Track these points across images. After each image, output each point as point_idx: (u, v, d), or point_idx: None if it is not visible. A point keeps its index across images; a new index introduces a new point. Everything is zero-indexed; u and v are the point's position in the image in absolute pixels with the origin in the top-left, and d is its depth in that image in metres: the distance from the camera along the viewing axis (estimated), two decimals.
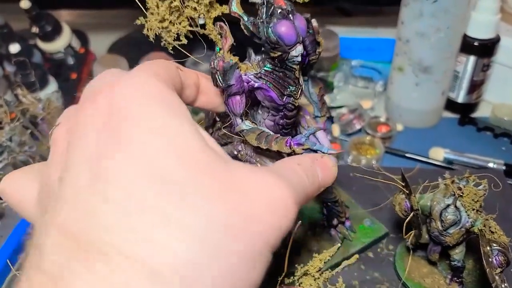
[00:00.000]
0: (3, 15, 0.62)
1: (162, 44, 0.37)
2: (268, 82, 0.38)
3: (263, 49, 0.38)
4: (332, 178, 0.28)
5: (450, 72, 0.66)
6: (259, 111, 0.41)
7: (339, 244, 0.50)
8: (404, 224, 0.44)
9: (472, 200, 0.42)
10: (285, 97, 0.39)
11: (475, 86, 0.69)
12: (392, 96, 0.70)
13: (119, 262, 0.17)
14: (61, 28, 0.70)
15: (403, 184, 0.45)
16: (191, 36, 0.37)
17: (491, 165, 0.61)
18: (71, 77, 0.70)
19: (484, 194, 0.42)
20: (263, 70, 0.38)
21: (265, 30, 0.35)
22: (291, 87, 0.39)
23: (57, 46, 0.70)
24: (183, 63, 0.34)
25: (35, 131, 0.58)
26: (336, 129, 0.69)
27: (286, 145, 0.37)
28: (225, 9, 0.36)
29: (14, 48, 0.58)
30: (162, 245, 0.18)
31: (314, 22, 0.38)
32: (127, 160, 0.19)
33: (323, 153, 0.36)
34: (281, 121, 0.41)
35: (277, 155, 0.40)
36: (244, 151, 0.43)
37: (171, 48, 0.37)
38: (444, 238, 0.44)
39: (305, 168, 0.27)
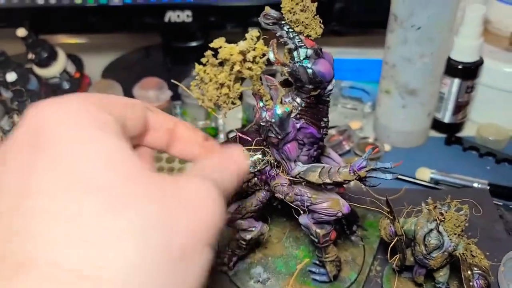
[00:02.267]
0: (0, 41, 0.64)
1: (220, 110, 0.37)
2: (308, 120, 0.40)
3: (295, 91, 0.39)
4: (245, 164, 0.28)
5: (435, 94, 0.68)
6: None
7: (362, 244, 0.54)
8: (389, 249, 0.46)
9: (454, 225, 0.44)
10: (322, 129, 0.42)
11: (460, 107, 0.71)
12: (380, 117, 0.72)
13: (50, 271, 0.17)
14: (56, 54, 0.72)
15: (388, 210, 0.46)
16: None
17: (475, 185, 0.63)
18: None
19: (465, 219, 0.44)
20: (298, 109, 0.40)
21: (306, 72, 0.37)
22: (325, 119, 0.41)
23: (52, 71, 0.71)
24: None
25: None
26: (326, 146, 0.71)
27: (351, 173, 0.38)
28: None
29: (11, 77, 0.59)
30: (97, 250, 0.18)
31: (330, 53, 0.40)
32: (52, 171, 0.19)
33: (387, 168, 0.38)
34: (315, 153, 0.43)
35: (336, 186, 0.41)
36: (293, 192, 0.43)
37: (225, 113, 0.37)
38: (428, 262, 0.45)
39: (219, 163, 0.27)
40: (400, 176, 0.65)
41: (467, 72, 0.68)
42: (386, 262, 0.53)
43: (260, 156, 0.45)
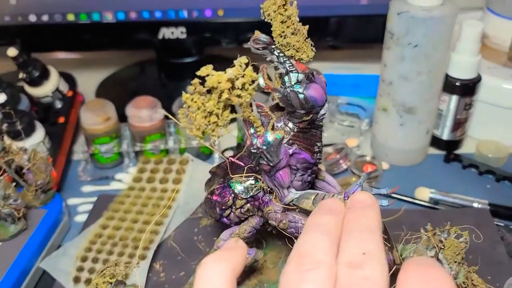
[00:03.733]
0: None
1: (208, 139, 0.36)
2: (300, 145, 0.39)
3: (287, 116, 0.38)
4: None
5: (433, 111, 0.67)
6: None
7: None
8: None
9: (454, 253, 0.43)
10: (316, 154, 0.41)
11: (459, 124, 0.70)
12: (378, 135, 0.70)
13: None
14: (48, 72, 0.71)
15: (385, 237, 0.45)
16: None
17: (475, 205, 0.62)
18: (59, 121, 0.70)
19: (465, 246, 0.43)
20: (291, 135, 0.39)
21: (298, 97, 0.36)
22: (318, 144, 0.41)
23: (44, 90, 0.70)
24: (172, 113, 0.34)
25: (21, 181, 0.58)
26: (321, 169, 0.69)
27: (345, 200, 0.37)
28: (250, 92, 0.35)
29: (1, 98, 0.58)
30: None
31: (322, 76, 0.39)
32: None
33: (383, 195, 0.37)
34: (309, 178, 0.42)
35: None
36: (287, 219, 0.42)
37: (214, 141, 0.36)
38: None
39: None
40: (399, 196, 0.64)
41: (465, 89, 0.67)
42: None
43: (252, 182, 0.44)
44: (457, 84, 0.67)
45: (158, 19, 0.77)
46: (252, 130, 0.37)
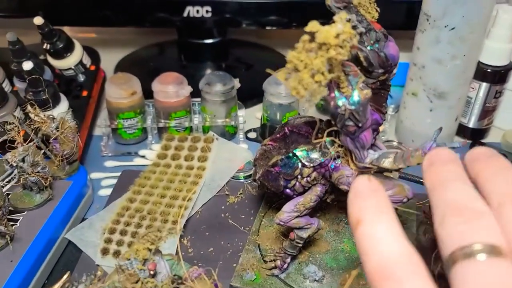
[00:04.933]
0: (14, 30, 0.61)
1: (314, 105, 0.36)
2: (373, 106, 0.40)
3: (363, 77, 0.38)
4: None
5: (464, 98, 0.66)
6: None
7: None
8: (433, 255, 0.43)
9: None
10: (384, 115, 0.42)
11: (487, 112, 0.69)
12: (405, 121, 0.69)
13: None
14: (73, 44, 0.69)
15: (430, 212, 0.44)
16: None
17: None
18: (82, 95, 0.69)
19: None
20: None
21: (379, 55, 0.37)
22: (384, 104, 0.42)
23: (68, 63, 0.69)
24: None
25: (47, 151, 0.56)
26: None
27: (423, 156, 0.37)
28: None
29: (28, 65, 0.57)
30: None
31: None
32: None
33: (454, 148, 0.36)
34: (374, 140, 0.43)
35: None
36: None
37: (320, 106, 0.36)
38: None
39: None
40: None
41: (497, 76, 0.66)
42: None
43: (317, 150, 0.44)
44: (489, 70, 0.66)
45: None
46: (336, 93, 0.36)
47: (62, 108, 0.62)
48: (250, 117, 0.75)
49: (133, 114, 0.67)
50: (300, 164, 0.44)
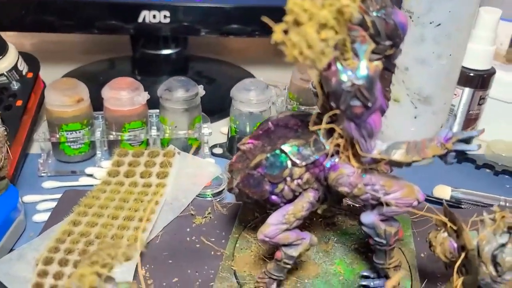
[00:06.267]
0: None
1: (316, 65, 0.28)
2: None
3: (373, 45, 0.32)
4: None
5: (449, 103, 0.61)
6: None
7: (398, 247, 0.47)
8: (455, 269, 0.36)
9: None
10: (388, 101, 0.36)
11: (471, 120, 0.65)
12: (386, 130, 0.63)
13: None
14: (5, 47, 0.59)
15: (448, 219, 0.37)
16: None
17: (502, 203, 0.56)
18: (16, 105, 0.58)
19: None
20: None
21: (387, 23, 0.31)
22: (387, 89, 0.36)
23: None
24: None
25: None
26: None
27: (439, 146, 0.33)
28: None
29: None
30: None
31: None
32: None
33: (473, 137, 0.33)
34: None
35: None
36: (362, 183, 0.35)
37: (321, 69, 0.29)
38: (498, 287, 0.36)
39: None
40: None
41: (480, 81, 0.62)
42: None
43: (308, 145, 0.36)
44: (471, 74, 0.62)
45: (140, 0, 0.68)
46: (339, 66, 0.29)
47: None
48: (215, 133, 0.67)
49: (79, 126, 0.57)
50: (289, 163, 0.36)
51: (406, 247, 0.47)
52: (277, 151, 0.36)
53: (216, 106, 0.70)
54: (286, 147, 0.36)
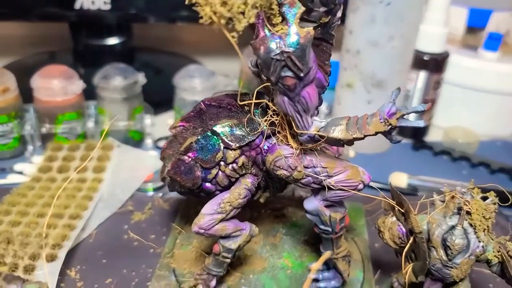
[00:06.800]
0: None
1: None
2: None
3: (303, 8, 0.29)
4: None
5: (403, 87, 0.59)
6: None
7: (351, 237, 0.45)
8: (403, 254, 0.33)
9: (483, 217, 0.33)
10: (328, 76, 0.32)
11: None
12: None
13: None
14: None
15: (395, 203, 0.34)
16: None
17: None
18: None
19: (495, 209, 0.33)
20: None
21: None
22: (327, 62, 0.32)
23: None
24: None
25: None
26: None
27: (381, 122, 0.30)
28: None
29: None
30: None
31: None
32: None
33: (419, 112, 0.31)
34: (319, 103, 0.33)
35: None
36: (302, 165, 0.32)
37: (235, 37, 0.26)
38: (449, 271, 0.33)
39: None
40: (373, 184, 0.54)
41: (434, 64, 0.60)
42: (380, 283, 0.40)
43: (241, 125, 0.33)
44: (425, 58, 0.60)
45: None
46: (267, 32, 0.26)
47: None
48: (161, 125, 0.63)
49: (6, 119, 0.52)
50: (222, 146, 0.33)
51: (359, 237, 0.45)
52: (208, 133, 0.33)
53: (163, 98, 0.66)
54: (218, 128, 0.33)
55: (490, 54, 0.65)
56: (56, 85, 0.52)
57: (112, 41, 0.72)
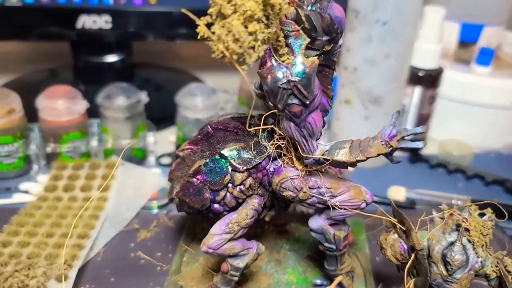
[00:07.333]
0: None
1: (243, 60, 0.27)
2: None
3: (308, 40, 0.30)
4: None
5: (399, 104, 0.61)
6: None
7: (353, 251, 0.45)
8: (406, 271, 0.34)
9: (481, 233, 0.34)
10: (331, 99, 0.34)
11: (422, 120, 0.65)
12: (339, 133, 0.62)
13: None
14: None
15: (397, 220, 0.36)
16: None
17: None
18: None
19: (493, 226, 0.35)
20: None
21: (322, 17, 0.29)
22: (329, 87, 0.34)
23: None
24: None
25: None
26: None
27: (383, 144, 0.32)
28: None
29: None
30: None
31: None
32: None
33: (417, 134, 0.32)
34: (323, 126, 0.35)
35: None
36: (307, 186, 0.34)
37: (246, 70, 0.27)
38: (450, 286, 0.34)
39: None
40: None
41: (429, 80, 0.62)
42: None
43: (248, 149, 0.34)
44: (420, 74, 0.62)
45: (77, 4, 0.65)
46: (273, 61, 0.28)
47: None
48: (163, 142, 0.64)
49: (12, 139, 0.53)
50: (230, 168, 0.34)
51: (360, 252, 0.46)
52: (217, 156, 0.34)
53: (163, 114, 0.67)
54: (225, 152, 0.34)
55: (482, 69, 0.66)
56: (60, 105, 0.53)
57: (112, 58, 0.73)
